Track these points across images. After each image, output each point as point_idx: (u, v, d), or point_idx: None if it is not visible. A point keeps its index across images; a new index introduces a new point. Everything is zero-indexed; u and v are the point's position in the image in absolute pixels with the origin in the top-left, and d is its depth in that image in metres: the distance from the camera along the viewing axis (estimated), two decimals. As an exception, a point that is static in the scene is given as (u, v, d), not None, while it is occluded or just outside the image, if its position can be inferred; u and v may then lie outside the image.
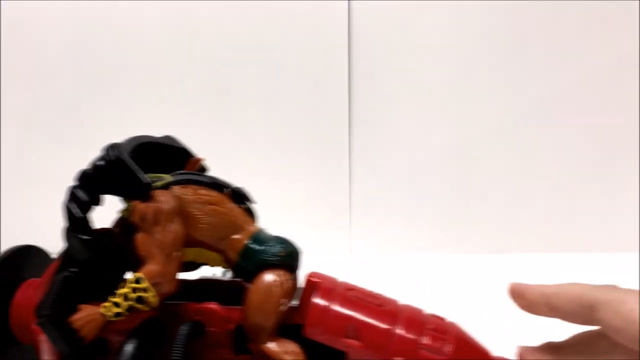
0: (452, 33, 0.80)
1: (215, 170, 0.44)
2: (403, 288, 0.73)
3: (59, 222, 0.37)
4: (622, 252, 0.80)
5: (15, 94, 0.82)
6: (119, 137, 0.39)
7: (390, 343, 0.34)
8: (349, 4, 0.79)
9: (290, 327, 0.36)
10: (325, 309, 0.35)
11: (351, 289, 0.37)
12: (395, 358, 0.34)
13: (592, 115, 0.82)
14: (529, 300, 0.34)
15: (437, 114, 0.83)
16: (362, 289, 0.38)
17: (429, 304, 0.67)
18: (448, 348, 0.34)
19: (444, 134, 0.83)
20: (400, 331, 0.35)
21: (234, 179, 0.41)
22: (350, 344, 0.34)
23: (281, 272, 0.35)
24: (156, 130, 0.88)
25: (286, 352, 0.34)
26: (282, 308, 0.35)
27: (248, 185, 0.43)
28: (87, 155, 0.36)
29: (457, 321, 0.37)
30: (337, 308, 0.35)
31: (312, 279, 0.37)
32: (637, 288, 0.32)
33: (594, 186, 0.84)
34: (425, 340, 0.34)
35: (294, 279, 0.36)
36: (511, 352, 0.38)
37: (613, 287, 0.32)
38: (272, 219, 0.86)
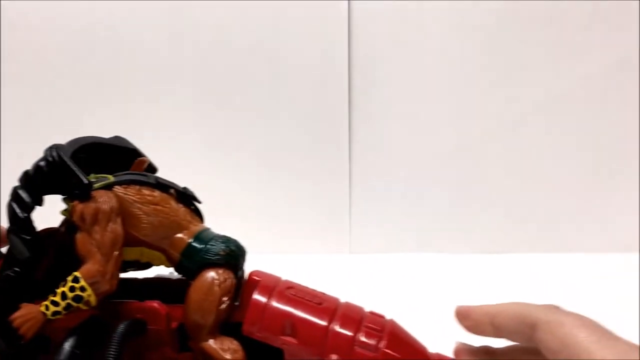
0: (452, 33, 0.80)
1: (215, 170, 0.44)
2: (403, 288, 0.74)
3: (58, 222, 0.37)
4: (622, 252, 0.80)
5: (15, 93, 0.82)
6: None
7: (326, 340, 0.34)
8: (349, 4, 0.79)
9: (233, 325, 0.36)
10: (263, 307, 0.35)
11: (291, 287, 0.37)
12: (331, 355, 0.34)
13: (592, 115, 0.82)
14: (474, 320, 0.34)
15: (437, 114, 0.83)
16: (303, 287, 0.38)
17: (429, 304, 0.67)
18: (383, 344, 0.34)
19: (444, 134, 0.83)
20: (336, 328, 0.35)
21: (234, 179, 0.42)
22: (286, 341, 0.34)
23: (222, 271, 0.35)
24: (155, 130, 0.88)
25: (225, 350, 0.34)
26: (223, 306, 0.35)
27: (248, 185, 0.43)
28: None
29: (395, 318, 0.37)
30: (275, 306, 0.35)
31: (253, 277, 0.37)
32: (637, 288, 0.31)
33: (594, 186, 0.84)
34: (361, 337, 0.35)
35: (236, 278, 0.36)
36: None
37: (555, 308, 0.31)
38: (272, 218, 0.86)
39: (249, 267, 0.40)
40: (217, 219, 0.84)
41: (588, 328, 0.29)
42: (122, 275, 0.36)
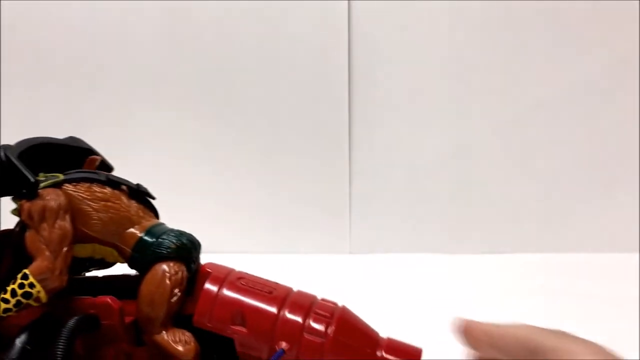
0: (451, 33, 0.80)
1: (216, 169, 0.44)
2: (403, 288, 0.74)
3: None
4: (622, 252, 0.80)
5: (15, 93, 0.82)
6: (119, 137, 0.39)
7: (276, 328, 0.35)
8: (349, 4, 0.79)
9: (187, 317, 0.36)
10: (213, 297, 0.36)
11: (242, 277, 0.38)
12: (280, 342, 0.34)
13: (592, 115, 0.82)
14: (474, 337, 0.33)
15: (437, 114, 0.83)
16: (254, 277, 0.38)
17: (429, 304, 0.67)
18: (331, 330, 0.35)
19: (443, 134, 0.83)
20: (285, 316, 0.35)
21: (234, 179, 0.42)
22: (236, 331, 0.35)
23: (174, 264, 0.36)
24: (155, 129, 0.88)
25: (177, 342, 0.35)
26: (174, 299, 0.35)
27: (248, 185, 0.43)
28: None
29: (346, 305, 0.37)
30: (225, 296, 0.36)
31: (205, 270, 0.38)
32: (637, 289, 0.31)
33: (594, 186, 0.84)
34: (310, 323, 0.35)
35: (189, 271, 0.37)
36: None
37: (561, 334, 0.30)
38: (272, 218, 0.86)
39: (249, 266, 0.40)
40: (217, 219, 0.85)
41: (599, 357, 0.27)
42: (87, 274, 0.37)
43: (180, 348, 0.34)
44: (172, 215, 0.42)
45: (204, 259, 0.39)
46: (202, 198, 0.84)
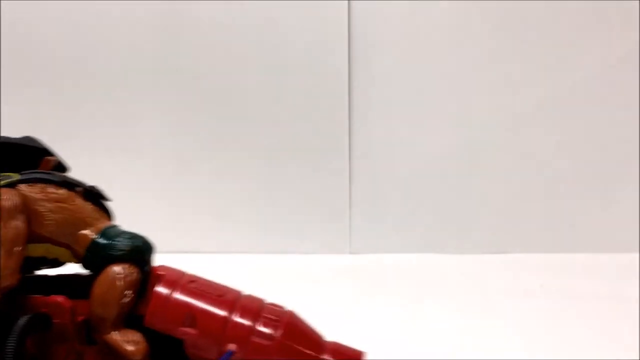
0: (451, 33, 0.81)
1: (215, 170, 0.44)
2: (403, 288, 0.74)
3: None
4: (622, 252, 0.80)
5: (14, 94, 0.82)
6: (119, 138, 0.39)
7: (225, 330, 0.36)
8: (349, 4, 0.79)
9: (139, 318, 0.37)
10: (164, 299, 0.37)
11: (194, 280, 0.39)
12: (229, 344, 0.36)
13: (592, 115, 0.82)
14: None
15: (437, 114, 0.83)
16: (206, 280, 0.39)
17: (429, 304, 0.67)
18: (279, 334, 0.36)
19: (443, 134, 0.83)
20: (235, 319, 0.36)
21: (234, 179, 0.42)
22: (186, 332, 0.36)
23: (127, 266, 0.37)
24: (155, 129, 0.88)
25: (127, 342, 0.36)
26: (126, 300, 0.36)
27: (248, 185, 0.43)
28: (87, 154, 0.36)
29: (294, 309, 0.39)
30: (176, 298, 0.37)
31: (158, 272, 0.39)
32: (637, 289, 0.31)
33: (594, 186, 0.84)
34: (259, 327, 0.36)
35: (142, 273, 0.38)
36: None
37: None
38: (272, 218, 0.86)
39: (249, 266, 0.40)
40: (217, 219, 0.85)
41: None
42: (37, 272, 0.38)
43: (129, 348, 0.35)
44: (172, 215, 0.43)
45: (205, 259, 0.39)
46: (202, 198, 0.84)
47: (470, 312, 0.64)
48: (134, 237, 0.38)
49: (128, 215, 0.41)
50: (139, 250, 0.38)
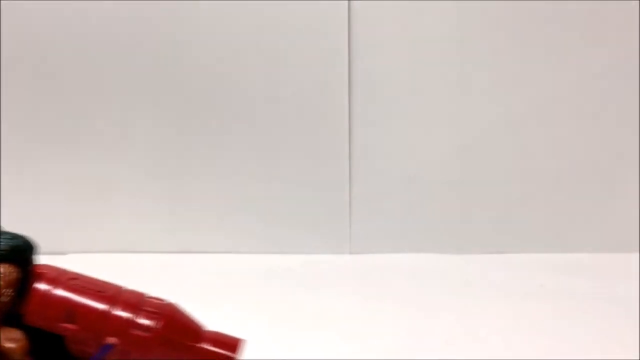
0: (452, 33, 0.80)
1: (215, 169, 0.44)
2: (403, 288, 0.74)
3: (60, 222, 0.38)
4: (622, 252, 0.80)
5: (14, 93, 0.82)
6: (117, 138, 0.39)
7: (105, 325, 0.37)
8: (349, 4, 0.79)
9: (21, 316, 0.38)
10: (43, 296, 0.38)
11: (75, 278, 0.40)
12: (109, 338, 0.37)
13: (592, 115, 0.82)
14: None
15: (437, 113, 0.83)
16: (88, 277, 0.41)
17: (429, 304, 0.67)
18: (159, 325, 0.38)
19: (444, 134, 0.83)
20: (115, 313, 0.38)
21: (234, 179, 0.42)
22: (67, 328, 0.37)
23: (7, 265, 0.37)
24: (155, 129, 0.88)
25: (7, 339, 0.36)
26: (4, 299, 0.37)
27: (248, 185, 0.43)
28: (87, 154, 0.36)
29: (176, 301, 0.40)
30: (55, 294, 0.38)
31: (39, 271, 0.40)
32: (637, 289, 0.31)
33: (594, 186, 0.84)
34: (139, 320, 0.38)
35: (22, 272, 0.38)
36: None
37: None
38: (272, 218, 0.86)
39: (250, 266, 0.40)
40: (217, 219, 0.85)
41: None
42: None
43: (10, 345, 0.36)
44: (172, 215, 0.43)
45: (207, 259, 0.40)
46: (201, 198, 0.84)
47: (470, 312, 0.64)
48: (14, 237, 0.39)
49: (128, 215, 0.41)
50: (19, 250, 0.39)
